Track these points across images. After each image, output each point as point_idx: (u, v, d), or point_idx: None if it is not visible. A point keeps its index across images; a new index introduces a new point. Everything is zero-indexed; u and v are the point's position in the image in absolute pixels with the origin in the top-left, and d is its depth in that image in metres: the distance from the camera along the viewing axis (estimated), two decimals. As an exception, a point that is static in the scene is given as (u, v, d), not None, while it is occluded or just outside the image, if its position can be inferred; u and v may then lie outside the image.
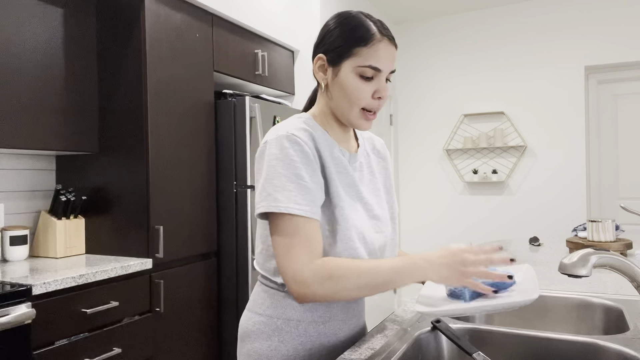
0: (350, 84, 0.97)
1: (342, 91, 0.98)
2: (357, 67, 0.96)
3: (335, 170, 1.00)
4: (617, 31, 3.99)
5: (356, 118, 0.99)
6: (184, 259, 2.33)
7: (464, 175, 4.52)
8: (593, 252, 0.91)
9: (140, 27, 2.16)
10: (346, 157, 1.04)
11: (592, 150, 4.18)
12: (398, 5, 4.39)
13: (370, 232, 1.01)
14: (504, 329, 1.05)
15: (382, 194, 1.11)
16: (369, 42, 0.95)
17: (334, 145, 1.02)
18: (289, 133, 0.94)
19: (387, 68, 0.97)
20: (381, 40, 0.96)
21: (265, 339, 1.00)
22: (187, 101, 2.37)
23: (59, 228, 2.16)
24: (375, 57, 0.96)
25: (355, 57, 0.96)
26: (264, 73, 2.91)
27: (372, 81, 0.97)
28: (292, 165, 0.91)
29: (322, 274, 0.87)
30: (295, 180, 0.90)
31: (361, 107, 0.98)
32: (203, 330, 2.42)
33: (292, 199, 0.89)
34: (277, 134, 0.94)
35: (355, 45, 0.96)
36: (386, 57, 0.97)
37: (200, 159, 2.44)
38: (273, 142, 0.93)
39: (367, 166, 1.10)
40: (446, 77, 4.63)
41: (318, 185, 0.94)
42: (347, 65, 0.97)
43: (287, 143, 0.92)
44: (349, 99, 0.97)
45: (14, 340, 1.54)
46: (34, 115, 1.99)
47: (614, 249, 1.98)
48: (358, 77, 0.96)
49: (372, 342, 0.99)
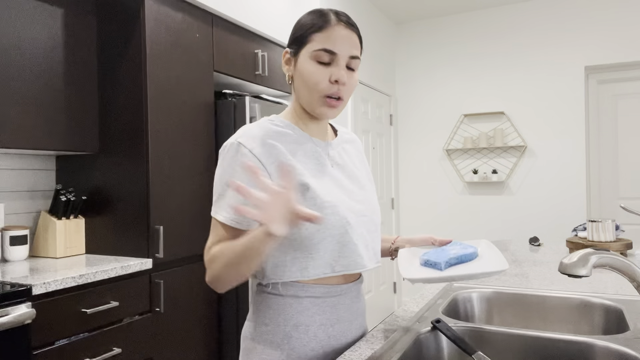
0: (307, 69, 0.98)
1: (301, 79, 1.00)
2: (312, 52, 0.97)
3: (308, 161, 1.01)
4: (617, 31, 3.99)
5: (318, 105, 0.99)
6: (184, 259, 2.33)
7: (464, 175, 4.52)
8: (593, 252, 0.91)
9: (140, 27, 2.16)
10: (321, 146, 1.05)
11: (592, 150, 4.18)
12: (398, 5, 4.39)
13: (353, 215, 1.01)
14: (504, 329, 1.05)
15: (366, 181, 1.12)
16: (323, 28, 0.98)
17: (306, 138, 1.04)
18: (237, 142, 0.97)
19: (343, 51, 0.98)
20: (336, 25, 0.98)
21: (275, 349, 0.98)
22: (187, 101, 2.37)
23: (59, 228, 2.16)
24: (329, 40, 0.97)
25: (311, 43, 0.98)
26: (264, 73, 2.91)
27: (329, 66, 0.98)
28: (233, 174, 0.95)
29: (209, 258, 0.95)
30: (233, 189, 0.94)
31: (322, 94, 0.98)
32: (203, 330, 2.42)
33: (223, 206, 0.95)
34: (228, 142, 0.99)
35: (311, 32, 0.98)
36: (342, 41, 0.98)
37: (200, 159, 2.44)
38: (223, 149, 1.00)
39: (345, 153, 1.11)
40: (446, 77, 4.63)
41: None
42: (304, 53, 0.99)
43: (232, 152, 0.97)
44: (307, 85, 0.99)
45: (14, 340, 1.54)
46: (34, 115, 1.99)
47: (614, 249, 1.98)
48: (315, 62, 0.98)
49: (372, 342, 0.99)
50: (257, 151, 0.96)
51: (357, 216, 1.02)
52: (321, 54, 0.97)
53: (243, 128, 1.01)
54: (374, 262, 1.06)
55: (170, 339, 2.20)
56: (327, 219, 0.96)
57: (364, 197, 1.07)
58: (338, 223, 0.97)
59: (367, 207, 1.06)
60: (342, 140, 1.13)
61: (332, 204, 0.97)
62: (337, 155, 1.08)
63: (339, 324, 1.01)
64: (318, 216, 0.80)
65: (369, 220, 1.06)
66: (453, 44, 4.61)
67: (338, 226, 0.97)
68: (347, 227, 0.98)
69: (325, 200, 0.97)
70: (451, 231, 4.56)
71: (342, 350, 1.02)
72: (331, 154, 1.07)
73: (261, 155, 0.96)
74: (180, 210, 2.30)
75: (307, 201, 0.96)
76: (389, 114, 4.70)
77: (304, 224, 0.94)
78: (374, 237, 1.07)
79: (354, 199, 1.04)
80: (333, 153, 1.07)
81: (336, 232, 0.97)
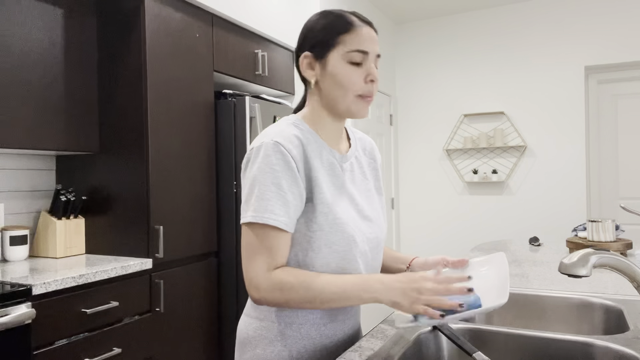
0: (341, 71, 0.98)
1: (333, 81, 0.99)
2: (345, 54, 0.97)
3: (324, 172, 1.00)
4: (617, 31, 3.99)
5: (353, 104, 0.99)
6: (184, 259, 2.33)
7: (464, 175, 4.52)
8: (593, 252, 0.91)
9: (140, 27, 2.16)
10: (336, 158, 1.04)
11: (592, 150, 4.18)
12: (398, 5, 4.39)
13: (361, 233, 1.00)
14: (504, 329, 1.05)
15: (374, 194, 1.11)
16: (350, 29, 0.98)
17: (323, 146, 1.02)
18: (273, 141, 0.94)
19: (373, 50, 0.99)
20: (361, 26, 0.99)
21: (267, 345, 0.99)
22: (187, 101, 2.37)
23: (59, 228, 2.16)
24: (359, 40, 0.98)
25: (341, 44, 0.98)
26: (264, 73, 2.91)
27: (361, 66, 0.98)
28: (273, 175, 0.92)
29: (274, 283, 0.90)
30: (274, 190, 0.91)
31: (356, 94, 0.99)
32: (203, 330, 2.42)
33: (268, 208, 0.91)
34: (262, 141, 0.95)
35: (339, 34, 0.98)
36: (370, 40, 0.99)
37: (200, 158, 2.44)
38: (257, 149, 0.95)
39: (358, 167, 1.10)
40: (446, 77, 4.63)
41: (296, 197, 0.94)
42: (334, 55, 0.98)
43: (270, 151, 0.93)
44: (343, 86, 0.98)
45: (14, 340, 1.54)
46: (34, 115, 1.99)
47: (614, 249, 1.98)
48: (348, 63, 0.98)
49: (372, 343, 0.99)
50: (294, 153, 0.95)
51: (363, 234, 1.01)
52: (354, 54, 0.97)
53: (272, 130, 0.98)
54: None
55: (170, 339, 2.20)
56: (335, 235, 0.96)
57: (372, 213, 1.06)
58: (344, 241, 0.97)
59: (374, 224, 1.06)
60: (356, 151, 1.11)
61: (342, 221, 0.97)
62: (350, 169, 1.07)
63: (332, 324, 1.01)
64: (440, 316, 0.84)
65: (375, 238, 1.05)
66: (453, 44, 4.61)
67: (344, 244, 0.97)
68: (352, 245, 0.98)
69: (337, 217, 0.96)
70: (451, 231, 4.56)
71: (335, 349, 1.02)
72: (345, 166, 1.05)
73: (297, 158, 0.95)
74: (180, 210, 2.30)
75: (319, 215, 0.95)
76: (389, 114, 4.70)
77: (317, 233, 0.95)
78: (374, 255, 1.06)
79: (362, 215, 1.03)
80: (346, 166, 1.06)
81: (341, 249, 0.97)
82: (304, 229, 0.96)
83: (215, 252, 2.55)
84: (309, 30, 1.02)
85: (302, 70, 1.03)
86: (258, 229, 0.92)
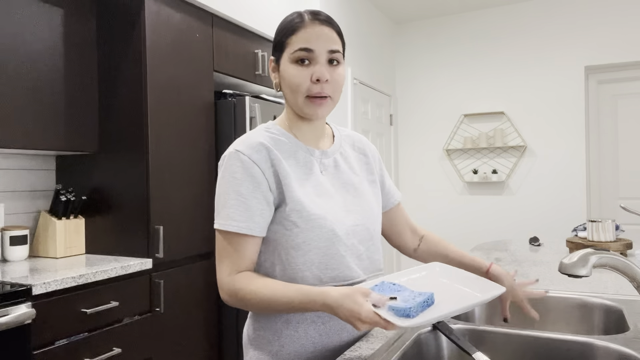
0: (288, 72, 0.98)
1: (285, 83, 1.00)
2: (291, 55, 0.98)
3: (299, 171, 1.00)
4: (617, 31, 3.99)
5: (305, 106, 0.99)
6: (184, 259, 2.33)
7: (464, 175, 4.52)
8: (593, 252, 0.91)
9: (140, 27, 2.16)
10: (315, 155, 1.04)
11: (592, 150, 4.18)
12: (398, 5, 4.39)
13: (342, 226, 0.99)
14: (504, 329, 1.05)
15: (366, 187, 1.10)
16: (297, 29, 0.98)
17: (299, 146, 1.03)
18: (235, 150, 0.97)
19: (319, 48, 0.97)
20: (310, 23, 0.98)
21: (266, 345, 0.99)
22: (187, 101, 2.37)
23: (59, 228, 2.16)
24: (304, 39, 0.97)
25: (289, 46, 0.98)
26: (264, 73, 2.91)
27: (309, 66, 0.97)
28: (233, 182, 0.95)
29: (232, 288, 0.94)
30: (234, 197, 0.95)
31: (306, 95, 0.98)
32: (203, 330, 2.42)
33: (230, 215, 0.94)
34: (228, 151, 0.99)
35: (287, 35, 0.99)
36: (317, 38, 0.97)
37: (200, 158, 2.44)
38: (223, 159, 0.99)
39: (344, 162, 1.09)
40: (446, 77, 4.63)
41: (261, 201, 0.95)
42: (284, 57, 0.99)
43: (232, 160, 0.97)
44: (291, 88, 0.99)
45: (14, 340, 1.54)
46: (34, 115, 1.99)
47: (614, 249, 1.98)
48: (294, 64, 0.97)
49: (372, 342, 0.99)
50: (255, 157, 0.96)
51: (347, 226, 1.01)
52: (299, 54, 0.97)
53: (240, 138, 1.02)
54: (370, 271, 1.05)
55: (170, 339, 2.20)
56: (312, 231, 0.96)
57: (359, 205, 1.05)
58: (324, 235, 0.97)
59: (361, 216, 1.04)
60: (340, 147, 1.11)
61: (318, 216, 0.97)
62: (333, 164, 1.06)
63: (331, 322, 1.01)
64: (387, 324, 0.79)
65: (363, 229, 1.04)
66: (453, 44, 4.61)
67: (324, 239, 0.97)
68: (333, 239, 0.97)
69: (312, 213, 0.96)
70: (451, 231, 4.56)
71: (334, 348, 1.01)
72: (325, 162, 1.05)
73: (259, 162, 0.96)
74: (180, 210, 2.30)
75: (292, 213, 0.96)
76: (389, 114, 4.70)
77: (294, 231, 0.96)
78: (368, 246, 1.05)
79: (346, 208, 1.03)
80: (327, 161, 1.06)
81: (322, 244, 0.97)
82: (282, 228, 0.97)
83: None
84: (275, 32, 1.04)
85: (270, 74, 1.06)
86: (224, 235, 0.96)
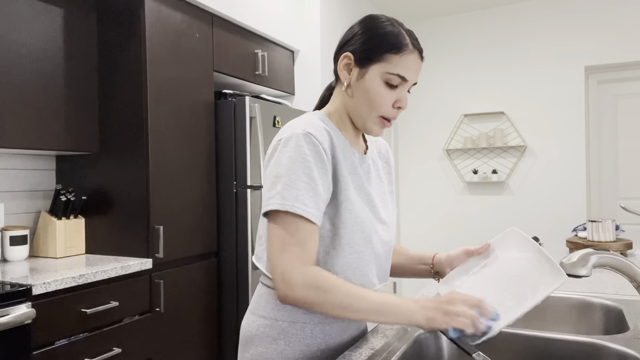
0: (375, 88, 0.96)
1: (364, 94, 0.97)
2: (385, 74, 0.95)
3: (347, 170, 0.99)
4: (617, 31, 3.99)
5: (372, 124, 0.99)
6: (184, 259, 2.33)
7: (464, 175, 4.52)
8: (593, 252, 0.91)
9: (140, 27, 2.16)
10: (356, 157, 1.03)
11: (592, 150, 4.18)
12: (398, 5, 4.39)
13: (376, 235, 1.00)
14: (504, 329, 1.04)
15: (388, 198, 1.11)
16: (400, 51, 0.95)
17: (346, 145, 1.01)
18: (306, 132, 0.91)
19: (412, 80, 0.97)
20: (412, 52, 0.96)
21: (270, 343, 0.98)
22: (187, 101, 2.37)
23: (59, 228, 2.16)
24: (404, 66, 0.95)
25: (385, 63, 0.95)
26: (264, 73, 2.91)
27: (395, 90, 0.96)
28: (305, 165, 0.89)
29: (311, 281, 0.85)
30: (306, 181, 0.88)
31: (380, 115, 0.97)
32: (203, 330, 2.42)
33: (300, 198, 0.87)
34: (293, 132, 0.92)
35: (387, 51, 0.95)
36: (414, 69, 0.96)
37: (200, 158, 2.44)
38: (287, 140, 0.92)
39: (374, 169, 1.09)
40: (446, 77, 4.63)
41: (326, 190, 0.92)
42: (374, 69, 0.96)
43: (302, 142, 0.90)
44: (371, 104, 0.97)
45: (14, 340, 1.54)
46: (34, 115, 1.99)
47: (614, 249, 1.98)
48: (384, 83, 0.95)
49: (372, 342, 0.99)
50: (325, 145, 0.93)
51: (379, 236, 1.02)
52: (395, 79, 0.95)
53: (302, 120, 0.95)
54: (382, 281, 1.07)
55: (170, 339, 2.20)
56: (356, 234, 0.95)
57: (386, 217, 1.06)
58: (363, 241, 0.97)
59: (388, 228, 1.06)
60: (372, 153, 1.11)
61: (362, 219, 0.97)
62: (367, 170, 1.06)
63: (337, 323, 1.01)
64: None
65: (388, 241, 1.05)
66: (453, 44, 4.61)
67: (363, 244, 0.97)
68: (369, 246, 0.98)
69: (359, 216, 0.96)
70: (451, 231, 4.56)
71: (338, 349, 1.01)
72: (363, 167, 1.05)
73: (327, 150, 0.94)
74: (180, 210, 2.30)
75: (344, 212, 0.95)
76: (389, 114, 4.70)
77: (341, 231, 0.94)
78: (386, 257, 1.06)
79: (378, 217, 1.03)
80: (364, 167, 1.05)
81: (361, 249, 0.97)
82: (328, 225, 0.95)
83: (215, 252, 2.55)
84: (356, 34, 0.99)
85: (338, 68, 1.01)
86: (289, 220, 0.87)
